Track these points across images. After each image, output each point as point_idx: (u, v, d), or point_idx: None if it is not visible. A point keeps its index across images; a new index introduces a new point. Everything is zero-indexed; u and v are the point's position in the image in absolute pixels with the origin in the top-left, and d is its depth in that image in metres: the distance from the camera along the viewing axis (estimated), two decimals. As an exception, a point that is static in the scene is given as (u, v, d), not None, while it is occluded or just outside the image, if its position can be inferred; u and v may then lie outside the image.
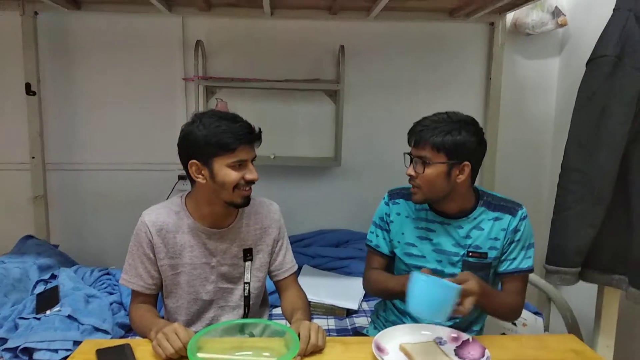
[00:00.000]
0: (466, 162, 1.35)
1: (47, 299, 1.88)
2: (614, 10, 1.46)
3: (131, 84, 2.59)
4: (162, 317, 1.47)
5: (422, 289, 1.19)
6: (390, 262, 1.57)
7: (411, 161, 1.40)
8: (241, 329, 1.31)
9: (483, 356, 1.17)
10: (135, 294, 1.45)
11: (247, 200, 1.40)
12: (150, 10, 2.38)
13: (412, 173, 1.39)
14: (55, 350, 1.64)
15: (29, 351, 1.65)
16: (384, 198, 1.58)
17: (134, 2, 2.34)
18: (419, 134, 1.37)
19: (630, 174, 1.47)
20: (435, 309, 1.18)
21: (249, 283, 1.49)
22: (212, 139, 1.31)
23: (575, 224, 1.50)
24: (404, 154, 1.42)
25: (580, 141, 1.50)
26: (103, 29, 2.54)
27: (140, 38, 2.56)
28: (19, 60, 2.45)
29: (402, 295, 1.25)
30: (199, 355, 1.09)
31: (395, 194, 1.56)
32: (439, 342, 1.26)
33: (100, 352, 1.20)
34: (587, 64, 1.50)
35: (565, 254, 1.52)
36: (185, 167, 1.38)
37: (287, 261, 1.55)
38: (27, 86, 2.45)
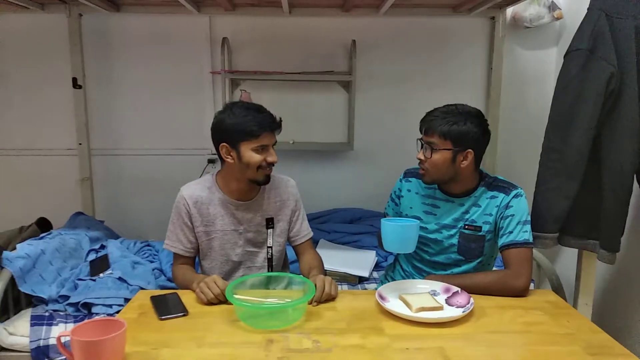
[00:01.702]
0: (470, 150, 1.50)
1: (99, 265, 2.16)
2: (587, 9, 1.63)
3: (164, 78, 2.78)
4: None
5: (390, 232, 1.45)
6: None
7: (421, 146, 1.56)
8: (266, 285, 1.53)
9: (468, 302, 1.36)
10: (176, 256, 1.67)
11: (267, 179, 1.60)
12: (181, 11, 2.56)
13: (422, 157, 1.55)
14: (110, 306, 1.92)
15: (87, 306, 1.93)
16: (400, 175, 1.76)
17: (167, 3, 2.51)
18: (429, 123, 1.52)
19: (601, 152, 1.64)
20: (404, 244, 1.46)
21: (271, 247, 1.69)
22: (239, 126, 1.51)
23: (553, 196, 1.68)
24: (417, 139, 1.58)
25: (558, 124, 1.66)
26: (140, 28, 2.73)
27: (172, 36, 2.74)
28: (66, 57, 2.67)
29: None
30: (235, 296, 1.34)
31: (409, 173, 1.73)
32: (432, 293, 1.45)
33: (154, 299, 1.43)
34: (564, 56, 1.68)
35: (545, 222, 1.69)
36: (217, 149, 1.58)
37: (303, 228, 1.75)
38: (74, 80, 2.67)
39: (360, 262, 2.40)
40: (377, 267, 2.42)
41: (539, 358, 1.16)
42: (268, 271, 1.71)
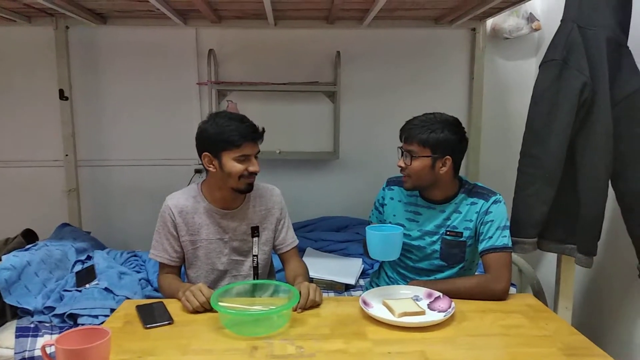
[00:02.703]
0: (448, 157, 1.55)
1: (85, 276, 2.14)
2: (561, 21, 1.69)
3: (151, 89, 2.79)
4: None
5: (374, 240, 1.48)
6: None
7: (402, 154, 1.61)
8: (252, 293, 1.55)
9: (450, 307, 1.40)
10: (162, 265, 1.68)
11: (250, 187, 1.61)
12: (168, 23, 2.58)
13: (402, 165, 1.60)
14: (96, 316, 1.89)
15: (73, 317, 1.90)
16: (383, 184, 1.80)
17: (153, 16, 2.53)
18: (408, 131, 1.58)
19: (576, 158, 1.69)
20: (388, 251, 1.48)
21: (256, 255, 1.71)
22: (221, 136, 1.53)
23: (531, 201, 1.72)
24: (398, 147, 1.63)
25: (535, 131, 1.71)
26: (126, 40, 2.75)
27: (159, 48, 2.77)
28: (53, 69, 2.67)
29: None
30: (220, 304, 1.35)
31: (392, 182, 1.78)
32: (415, 298, 1.47)
33: (139, 308, 1.44)
34: (539, 67, 1.73)
35: (524, 227, 1.74)
36: (200, 158, 1.61)
37: (289, 237, 1.77)
38: (61, 92, 2.67)
39: (346, 269, 2.41)
40: (363, 274, 2.43)
41: (517, 360, 1.19)
42: (254, 280, 1.72)
